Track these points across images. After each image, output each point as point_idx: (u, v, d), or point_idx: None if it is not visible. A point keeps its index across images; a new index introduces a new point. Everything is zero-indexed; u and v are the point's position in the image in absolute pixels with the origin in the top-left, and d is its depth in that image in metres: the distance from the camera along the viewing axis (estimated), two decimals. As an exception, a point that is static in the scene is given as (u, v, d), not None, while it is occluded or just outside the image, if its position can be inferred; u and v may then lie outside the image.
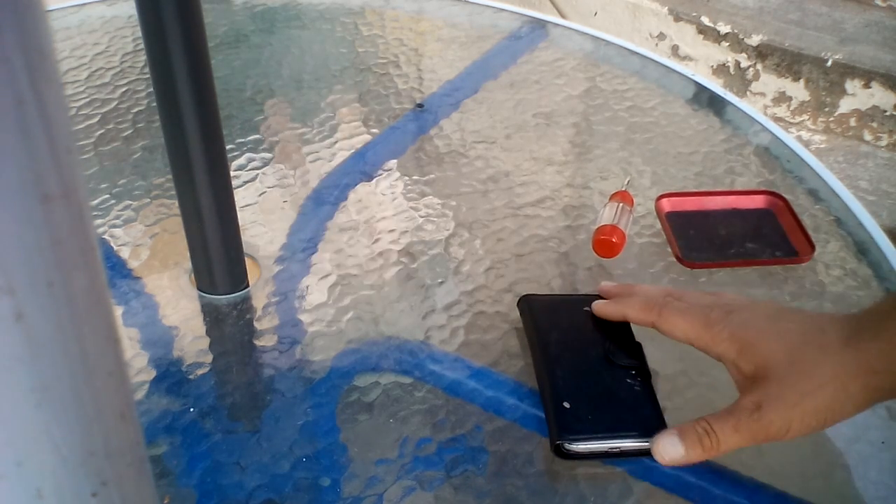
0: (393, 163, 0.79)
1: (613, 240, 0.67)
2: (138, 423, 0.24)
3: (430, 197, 0.75)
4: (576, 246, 0.70)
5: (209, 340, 0.61)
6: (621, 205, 0.70)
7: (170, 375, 0.58)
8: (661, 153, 0.81)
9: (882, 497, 0.52)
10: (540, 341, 0.58)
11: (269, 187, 0.75)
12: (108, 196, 0.74)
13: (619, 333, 0.58)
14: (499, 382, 0.58)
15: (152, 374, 0.58)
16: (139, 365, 0.59)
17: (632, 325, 0.59)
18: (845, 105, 1.93)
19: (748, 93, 2.03)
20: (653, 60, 0.95)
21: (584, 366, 0.56)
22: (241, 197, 0.73)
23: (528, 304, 0.61)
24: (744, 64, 2.02)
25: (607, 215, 0.69)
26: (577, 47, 0.98)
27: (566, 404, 0.53)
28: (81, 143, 0.80)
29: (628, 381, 0.55)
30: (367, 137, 0.82)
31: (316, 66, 0.94)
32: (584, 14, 2.30)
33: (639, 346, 0.57)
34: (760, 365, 0.48)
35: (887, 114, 1.90)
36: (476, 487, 0.51)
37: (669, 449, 0.49)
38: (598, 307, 0.59)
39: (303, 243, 0.69)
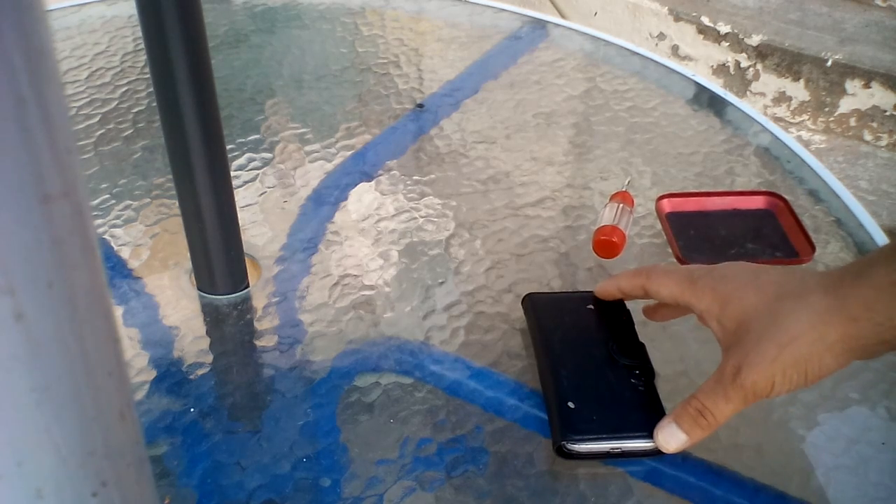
0: (393, 163, 0.79)
1: (614, 240, 0.67)
2: (138, 423, 0.24)
3: (430, 197, 0.75)
4: (576, 246, 0.70)
5: (209, 340, 0.61)
6: (622, 205, 0.70)
7: (170, 375, 0.58)
8: (661, 154, 0.81)
9: (882, 498, 0.52)
10: (543, 340, 0.58)
11: (269, 187, 0.75)
12: (108, 196, 0.74)
13: (622, 332, 0.58)
14: (499, 383, 0.58)
15: (152, 374, 0.58)
16: (139, 365, 0.59)
17: (635, 325, 0.59)
18: (845, 105, 1.93)
19: (748, 93, 2.03)
20: (653, 61, 0.95)
21: (587, 365, 0.56)
22: (241, 197, 0.73)
23: (531, 302, 0.61)
24: (744, 64, 2.02)
25: (608, 216, 0.69)
26: (577, 47, 0.98)
27: (570, 404, 0.53)
28: (81, 143, 0.80)
29: (632, 381, 0.55)
30: (367, 137, 0.82)
31: (316, 66, 0.94)
32: (584, 14, 2.30)
33: (642, 346, 0.57)
34: (741, 320, 0.47)
35: (887, 114, 1.90)
36: (476, 488, 0.51)
37: (671, 439, 0.50)
38: (598, 289, 0.60)
39: (303, 243, 0.69)
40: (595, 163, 0.80)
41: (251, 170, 0.77)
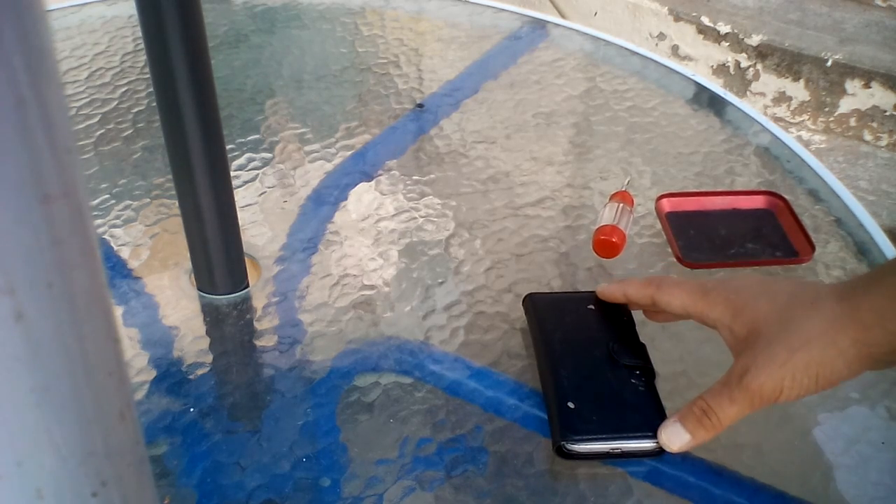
0: (393, 163, 0.79)
1: (614, 240, 0.67)
2: (138, 423, 0.24)
3: (430, 197, 0.75)
4: (576, 246, 0.70)
5: (209, 340, 0.61)
6: (621, 205, 0.70)
7: (170, 375, 0.58)
8: (661, 153, 0.81)
9: (882, 497, 0.52)
10: (544, 340, 0.58)
11: (269, 187, 0.75)
12: (108, 196, 0.74)
13: (623, 333, 0.58)
14: (499, 383, 0.58)
15: (152, 374, 0.58)
16: (139, 365, 0.59)
17: (636, 325, 0.59)
18: (845, 105, 1.93)
19: (748, 93, 2.03)
20: (653, 61, 0.95)
21: (588, 365, 0.56)
22: (241, 197, 0.73)
23: (532, 302, 0.61)
24: (744, 64, 2.02)
25: (607, 215, 0.69)
26: (577, 47, 0.98)
27: (571, 404, 0.53)
28: (81, 143, 0.80)
29: (632, 381, 0.55)
30: (367, 137, 0.82)
31: (316, 66, 0.94)
32: (584, 14, 2.30)
33: (643, 346, 0.57)
34: (752, 327, 0.48)
35: (887, 114, 1.90)
36: (476, 487, 0.51)
37: (675, 438, 0.50)
38: (601, 289, 0.59)
39: (303, 243, 0.69)
40: (595, 163, 0.80)
41: (251, 170, 0.77)
